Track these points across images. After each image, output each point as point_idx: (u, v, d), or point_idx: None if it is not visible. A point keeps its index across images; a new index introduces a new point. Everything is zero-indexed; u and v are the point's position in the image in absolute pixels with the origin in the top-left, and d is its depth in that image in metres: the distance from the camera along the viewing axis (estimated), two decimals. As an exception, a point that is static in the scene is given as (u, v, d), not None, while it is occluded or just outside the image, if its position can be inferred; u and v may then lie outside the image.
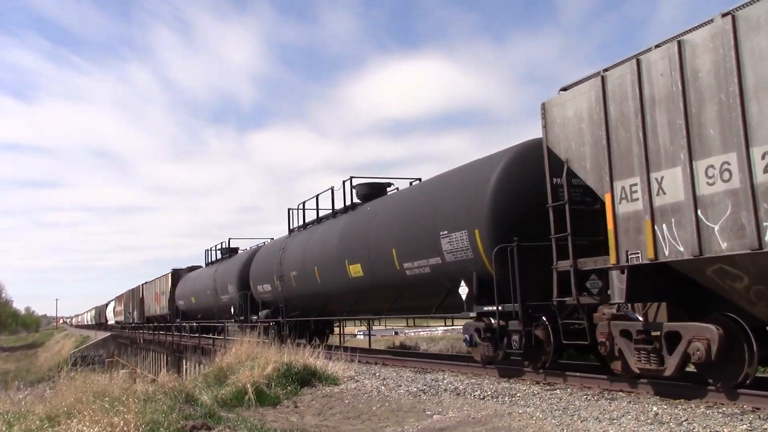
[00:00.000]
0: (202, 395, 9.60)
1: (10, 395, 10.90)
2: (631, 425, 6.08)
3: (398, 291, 12.74)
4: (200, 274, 29.45)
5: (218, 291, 24.45)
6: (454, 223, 10.32)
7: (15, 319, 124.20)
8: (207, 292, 26.07)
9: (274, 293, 18.97)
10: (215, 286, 24.67)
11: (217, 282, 24.58)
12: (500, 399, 8.12)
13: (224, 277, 23.82)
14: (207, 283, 26.36)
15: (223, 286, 23.75)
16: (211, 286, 25.27)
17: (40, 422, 7.18)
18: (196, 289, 28.82)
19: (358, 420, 7.97)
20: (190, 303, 30.00)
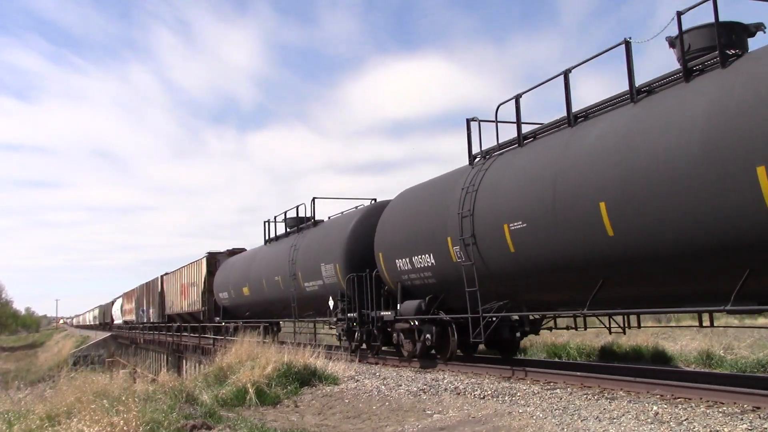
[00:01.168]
0: (202, 395, 9.59)
1: (10, 395, 10.89)
2: (631, 425, 6.08)
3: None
4: (256, 256, 22.04)
5: (299, 275, 17.33)
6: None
7: (15, 319, 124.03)
8: (275, 279, 19.01)
9: (441, 270, 11.68)
10: (293, 269, 17.67)
11: (296, 262, 17.51)
12: (500, 398, 8.12)
13: (312, 255, 16.61)
14: (275, 265, 19.30)
15: (311, 267, 16.54)
16: (284, 270, 18.31)
17: (40, 422, 7.17)
18: (251, 275, 21.46)
19: (359, 419, 7.97)
20: (239, 296, 22.80)
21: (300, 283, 17.00)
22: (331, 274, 15.09)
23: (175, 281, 33.21)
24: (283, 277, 18.35)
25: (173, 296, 33.60)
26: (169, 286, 34.97)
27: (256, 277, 20.93)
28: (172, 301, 33.92)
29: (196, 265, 28.85)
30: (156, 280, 38.51)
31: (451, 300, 11.51)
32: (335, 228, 15.92)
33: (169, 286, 34.98)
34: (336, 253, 14.86)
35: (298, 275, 17.04)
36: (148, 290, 41.65)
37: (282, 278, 18.29)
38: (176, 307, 32.86)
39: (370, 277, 13.76)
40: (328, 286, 15.35)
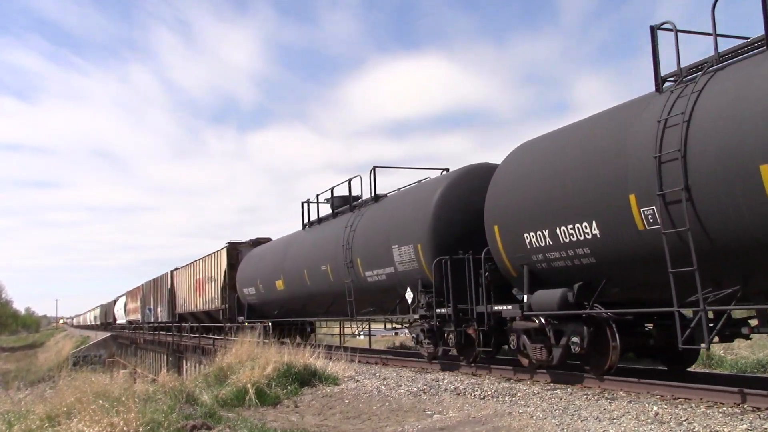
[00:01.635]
0: (202, 395, 9.59)
1: (10, 395, 10.89)
2: (632, 425, 6.08)
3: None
4: (292, 244, 18.44)
5: (358, 263, 13.68)
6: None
7: (15, 319, 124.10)
8: (321, 269, 15.54)
9: (611, 243, 8.70)
10: (348, 256, 14.05)
11: (354, 247, 13.91)
12: (500, 399, 8.12)
13: (378, 236, 13.11)
14: (321, 252, 15.89)
15: (376, 251, 13.05)
16: (335, 257, 14.81)
17: (40, 422, 7.18)
18: (287, 266, 17.98)
19: (359, 420, 7.97)
20: (270, 291, 19.37)
21: (359, 271, 13.64)
22: (409, 259, 11.88)
23: (188, 277, 29.43)
24: (334, 265, 14.89)
25: (185, 293, 30.11)
26: (181, 282, 31.32)
27: (294, 267, 17.34)
28: (184, 299, 30.31)
29: (213, 258, 25.03)
30: (165, 276, 35.04)
31: (619, 287, 8.37)
32: (412, 200, 12.44)
33: (181, 283, 31.32)
34: (417, 231, 11.56)
35: (357, 262, 13.67)
36: (156, 287, 37.89)
37: (332, 267, 14.99)
38: (189, 305, 29.32)
39: (472, 260, 10.45)
40: (403, 274, 12.18)
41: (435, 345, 11.63)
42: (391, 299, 12.96)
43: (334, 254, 14.89)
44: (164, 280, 35.26)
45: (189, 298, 29.32)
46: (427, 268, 11.30)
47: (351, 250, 14.00)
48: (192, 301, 28.65)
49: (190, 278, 29.12)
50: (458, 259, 10.69)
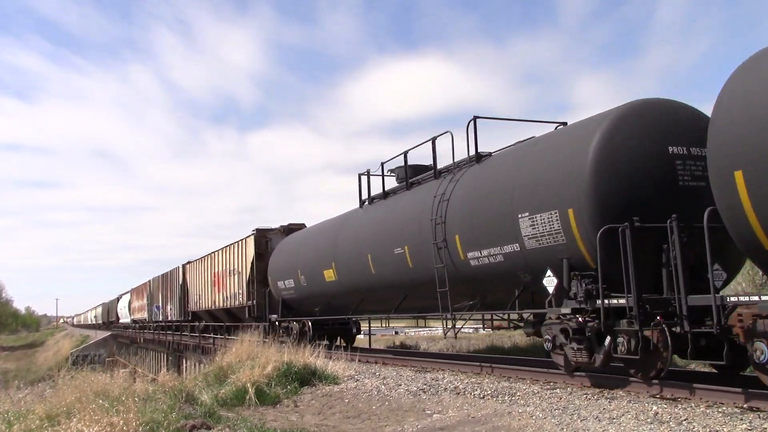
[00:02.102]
0: (202, 395, 9.60)
1: (10, 395, 10.90)
2: (631, 424, 6.08)
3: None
4: (347, 225, 15.31)
5: (457, 241, 10.64)
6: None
7: (15, 318, 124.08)
8: (395, 252, 12.45)
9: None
10: (441, 233, 10.99)
11: (450, 221, 10.85)
12: (500, 398, 8.12)
13: (490, 203, 10.05)
14: (394, 231, 12.71)
15: (487, 224, 10.00)
16: (419, 235, 11.72)
17: (40, 421, 7.18)
18: (340, 251, 14.87)
19: (358, 419, 7.98)
20: (316, 282, 16.16)
21: (457, 253, 10.49)
22: (550, 231, 8.58)
23: (204, 270, 26.44)
24: (414, 247, 11.82)
25: (201, 289, 27.19)
26: (195, 276, 28.28)
27: (352, 253, 14.24)
28: (199, 296, 27.40)
29: (237, 248, 21.96)
30: (176, 271, 32.26)
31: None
32: (551, 151, 9.09)
33: (195, 277, 28.28)
34: (565, 192, 8.39)
35: (455, 241, 10.52)
36: (165, 284, 34.99)
37: (412, 250, 11.92)
38: (205, 302, 26.26)
39: (675, 228, 7.38)
40: (535, 253, 8.93)
41: (590, 351, 8.27)
42: (506, 288, 9.93)
43: (415, 233, 11.78)
44: (175, 275, 32.30)
45: (205, 295, 26.30)
46: (583, 242, 8.15)
47: (444, 225, 10.77)
48: (209, 298, 25.62)
49: (206, 272, 26.18)
50: (644, 228, 7.64)
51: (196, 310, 28.20)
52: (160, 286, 36.74)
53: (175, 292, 32.30)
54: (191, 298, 29.28)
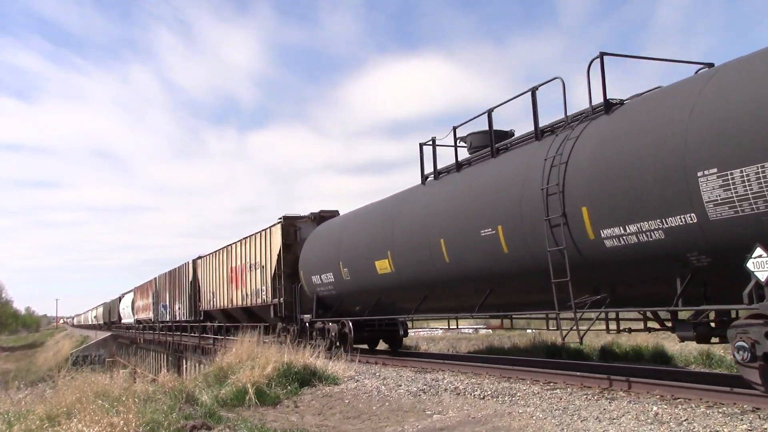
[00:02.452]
0: (202, 395, 9.60)
1: (10, 395, 10.89)
2: (631, 425, 6.08)
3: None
4: (405, 205, 12.71)
5: (585, 215, 8.04)
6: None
7: (15, 319, 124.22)
8: (481, 235, 9.91)
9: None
10: (559, 205, 8.39)
11: (571, 192, 8.28)
12: (500, 399, 8.12)
13: (651, 157, 7.20)
14: (481, 208, 10.09)
15: (655, 187, 7.11)
16: (514, 210, 9.31)
17: (40, 422, 7.18)
18: (399, 238, 12.33)
19: (358, 420, 7.98)
20: (362, 275, 13.76)
21: (585, 230, 8.00)
22: (761, 190, 6.11)
23: (219, 265, 24.05)
24: (513, 226, 9.25)
25: (215, 286, 24.79)
26: (208, 272, 25.94)
27: (416, 238, 11.60)
28: (213, 294, 25.05)
29: (261, 239, 19.42)
30: (185, 267, 30.05)
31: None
32: (754, 76, 6.49)
33: (208, 273, 25.95)
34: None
35: (581, 215, 8.02)
36: (173, 281, 32.64)
37: (509, 229, 9.30)
38: (220, 300, 23.83)
39: None
40: (720, 225, 6.51)
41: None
42: (660, 277, 7.47)
43: (512, 209, 9.25)
44: (184, 271, 30.10)
45: (220, 292, 23.89)
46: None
47: (562, 195, 8.30)
48: (225, 296, 23.20)
49: (221, 267, 23.74)
50: None
51: (209, 309, 25.74)
52: (167, 283, 34.57)
53: (185, 290, 29.95)
54: (203, 296, 26.88)
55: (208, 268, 26.24)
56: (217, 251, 24.73)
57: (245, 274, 20.95)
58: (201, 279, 27.50)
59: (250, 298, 20.42)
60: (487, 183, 10.20)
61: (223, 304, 23.56)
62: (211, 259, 25.81)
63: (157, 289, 37.80)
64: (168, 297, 34.36)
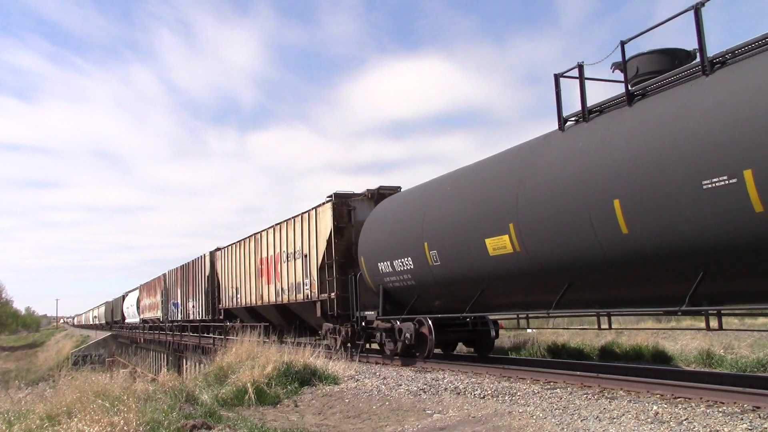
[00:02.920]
0: (202, 394, 9.60)
1: (10, 395, 10.90)
2: (631, 424, 6.08)
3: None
4: (541, 161, 9.10)
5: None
6: None
7: (15, 318, 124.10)
8: (702, 188, 6.56)
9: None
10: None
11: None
12: (500, 398, 8.12)
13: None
14: (719, 148, 6.47)
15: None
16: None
17: (40, 421, 7.18)
18: (526, 206, 9.10)
19: (359, 419, 7.97)
20: (466, 259, 10.55)
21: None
22: None
23: (245, 257, 21.40)
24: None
25: (239, 281, 22.02)
26: (230, 265, 23.25)
27: (564, 202, 8.46)
28: (236, 289, 22.27)
29: (303, 222, 16.48)
30: (200, 261, 27.37)
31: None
32: None
33: (230, 266, 23.26)
34: None
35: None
36: (186, 276, 29.92)
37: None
38: (246, 297, 21.02)
39: None
40: None
41: None
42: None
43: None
44: (200, 266, 27.38)
45: (246, 288, 21.10)
46: None
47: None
48: (252, 292, 20.45)
49: (247, 259, 21.13)
50: None
51: (232, 307, 22.87)
52: (178, 279, 31.59)
53: (201, 286, 27.11)
54: (224, 292, 24.11)
55: (230, 261, 23.51)
56: (242, 241, 21.97)
57: (280, 265, 18.05)
58: (221, 273, 24.86)
59: (287, 294, 17.51)
60: (710, 110, 6.80)
61: (250, 301, 20.73)
62: (233, 250, 22.99)
63: (166, 286, 34.81)
64: (180, 294, 31.46)
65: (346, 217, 15.22)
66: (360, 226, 14.48)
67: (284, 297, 17.82)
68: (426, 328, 11.96)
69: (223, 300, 24.33)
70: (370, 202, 15.20)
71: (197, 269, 28.17)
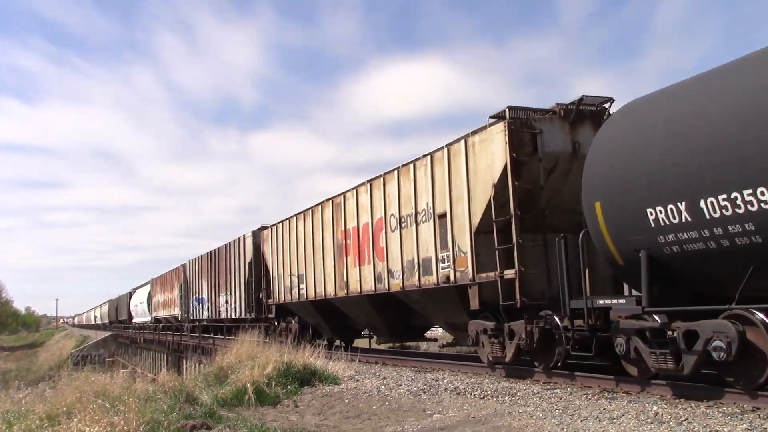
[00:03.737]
0: (202, 395, 9.59)
1: (10, 395, 10.91)
2: (631, 424, 6.07)
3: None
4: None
5: None
6: None
7: (15, 318, 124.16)
8: None
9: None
10: None
11: None
12: (500, 398, 8.12)
13: None
14: None
15: None
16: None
17: (40, 421, 7.18)
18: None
19: (358, 419, 7.97)
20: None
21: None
22: None
23: (311, 233, 16.33)
24: None
25: (302, 266, 16.87)
26: (286, 246, 18.06)
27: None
28: (298, 277, 17.08)
29: (438, 162, 11.22)
30: (237, 245, 22.43)
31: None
32: None
33: (286, 248, 18.05)
34: None
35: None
36: (216, 264, 24.89)
37: None
38: (316, 286, 15.97)
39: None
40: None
41: None
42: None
43: None
44: (237, 250, 22.42)
45: (316, 274, 15.95)
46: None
47: None
48: (327, 279, 15.40)
49: (316, 235, 16.03)
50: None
51: (290, 301, 17.69)
52: (205, 270, 26.59)
53: (238, 275, 22.06)
54: (277, 283, 18.71)
55: (286, 241, 18.06)
56: (306, 212, 16.70)
57: (384, 237, 12.83)
58: (270, 258, 19.34)
59: (399, 278, 12.27)
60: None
61: (324, 292, 15.50)
62: (292, 225, 17.52)
63: (187, 279, 29.37)
64: (206, 288, 26.32)
65: (529, 146, 9.60)
66: (554, 161, 9.63)
67: (393, 283, 12.54)
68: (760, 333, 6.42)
69: (276, 292, 18.75)
70: (562, 122, 9.82)
71: (233, 255, 22.87)
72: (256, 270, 20.78)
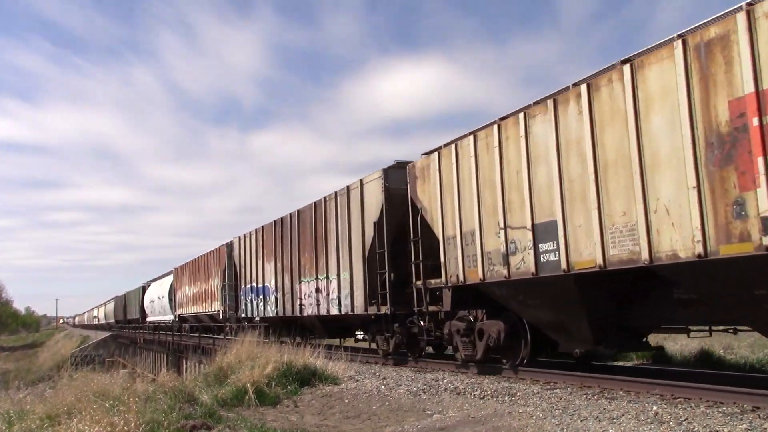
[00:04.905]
0: (202, 395, 9.59)
1: (10, 395, 10.90)
2: (631, 424, 6.08)
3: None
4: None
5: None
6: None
7: (15, 319, 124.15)
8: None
9: None
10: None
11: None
12: (500, 398, 8.12)
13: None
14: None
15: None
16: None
17: (40, 422, 7.19)
18: None
19: (358, 419, 7.97)
20: None
21: None
22: None
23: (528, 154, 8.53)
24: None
25: (523, 211, 8.72)
26: (468, 181, 9.89)
27: None
28: (510, 244, 8.94)
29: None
30: (339, 199, 14.62)
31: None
32: None
33: (470, 184, 9.81)
34: None
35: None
36: (299, 235, 16.84)
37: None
38: (564, 248, 7.94)
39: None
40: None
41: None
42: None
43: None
44: (345, 204, 14.28)
45: (570, 229, 7.97)
46: None
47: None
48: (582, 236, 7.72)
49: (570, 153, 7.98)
50: None
51: (495, 279, 9.45)
52: (270, 246, 18.91)
53: (347, 246, 14.19)
54: (457, 248, 10.27)
55: (490, 167, 9.55)
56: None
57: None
58: (438, 204, 10.84)
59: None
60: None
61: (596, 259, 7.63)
62: (490, 140, 9.46)
63: (235, 263, 22.33)
64: (274, 273, 18.47)
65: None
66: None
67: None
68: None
69: (451, 266, 10.56)
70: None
71: (333, 215, 14.95)
72: (391, 232, 12.77)
